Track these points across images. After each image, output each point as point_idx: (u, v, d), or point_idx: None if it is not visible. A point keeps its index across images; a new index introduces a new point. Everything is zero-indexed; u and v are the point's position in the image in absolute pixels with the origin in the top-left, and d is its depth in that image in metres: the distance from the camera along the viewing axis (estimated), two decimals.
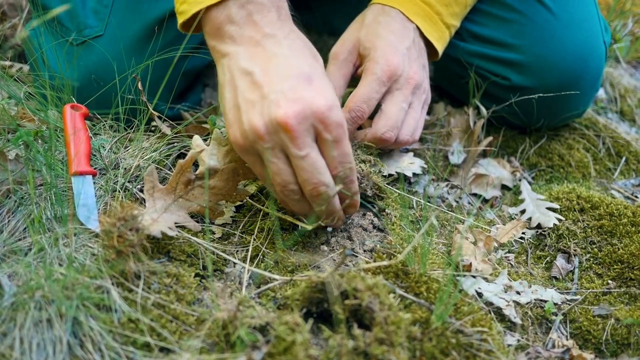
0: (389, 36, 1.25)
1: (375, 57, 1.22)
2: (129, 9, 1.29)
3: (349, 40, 1.29)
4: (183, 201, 1.08)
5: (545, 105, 1.43)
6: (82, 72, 1.26)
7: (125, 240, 0.93)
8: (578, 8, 1.41)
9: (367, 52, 1.25)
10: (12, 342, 0.85)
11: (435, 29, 1.31)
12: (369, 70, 1.22)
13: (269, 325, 0.89)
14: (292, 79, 0.96)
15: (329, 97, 0.96)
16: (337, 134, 0.96)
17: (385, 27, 1.26)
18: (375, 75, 1.21)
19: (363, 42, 1.26)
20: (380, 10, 1.29)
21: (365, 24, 1.28)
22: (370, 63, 1.23)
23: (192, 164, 1.07)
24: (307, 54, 1.02)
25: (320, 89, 0.96)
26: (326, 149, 0.97)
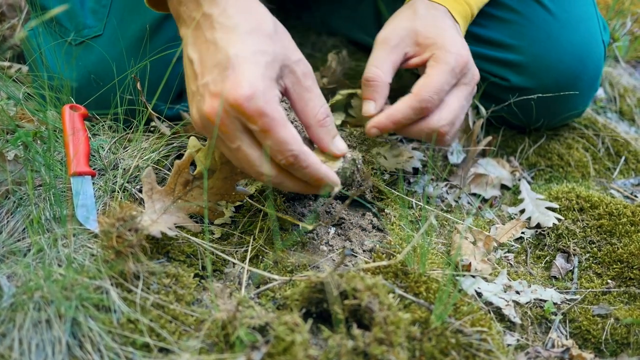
0: (450, 30, 1.20)
1: (446, 46, 1.16)
2: (128, 9, 1.29)
3: (401, 27, 1.20)
4: (182, 202, 1.08)
5: (545, 105, 1.43)
6: (81, 73, 1.26)
7: (124, 240, 0.93)
8: (576, 8, 1.41)
9: (432, 42, 1.18)
10: (11, 342, 0.85)
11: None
12: (440, 59, 1.15)
13: (269, 326, 0.89)
14: (215, 70, 0.94)
15: (247, 86, 0.91)
16: (261, 124, 0.92)
17: (442, 21, 1.22)
18: (449, 65, 1.15)
19: (423, 32, 1.19)
20: (429, 5, 1.24)
21: (419, 14, 1.22)
22: (440, 52, 1.16)
23: (190, 165, 1.07)
24: (240, 31, 0.95)
25: (239, 77, 0.91)
26: (259, 139, 0.95)
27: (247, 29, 0.95)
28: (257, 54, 0.94)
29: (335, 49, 1.80)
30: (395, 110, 1.11)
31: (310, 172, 0.97)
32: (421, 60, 1.18)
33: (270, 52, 0.95)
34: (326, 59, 1.64)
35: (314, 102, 1.00)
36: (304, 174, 0.97)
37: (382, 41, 1.20)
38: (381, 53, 1.18)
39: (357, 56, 1.83)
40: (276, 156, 0.95)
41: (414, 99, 1.12)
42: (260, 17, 0.98)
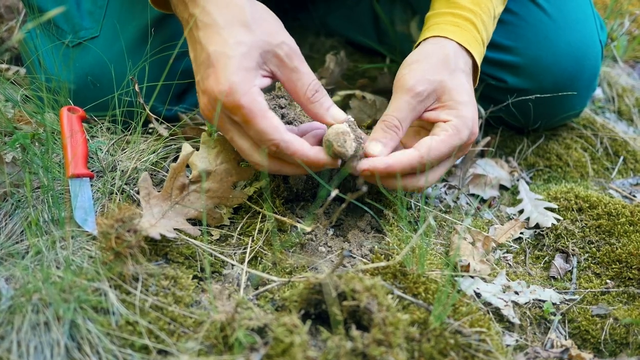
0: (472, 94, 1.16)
1: (466, 119, 1.11)
2: (124, 10, 1.29)
3: (432, 81, 1.12)
4: (180, 207, 1.08)
5: (542, 106, 1.43)
6: (78, 74, 1.25)
7: (124, 241, 0.93)
8: (573, 8, 1.41)
9: (455, 106, 1.11)
10: (9, 345, 0.85)
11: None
12: (456, 131, 1.10)
13: (267, 327, 0.89)
14: (201, 68, 1.01)
15: (224, 81, 0.96)
16: (241, 116, 0.97)
17: (468, 81, 1.16)
18: (461, 141, 1.10)
19: (451, 92, 1.12)
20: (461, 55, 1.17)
21: (451, 67, 1.14)
22: (459, 123, 1.10)
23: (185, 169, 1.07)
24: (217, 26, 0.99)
25: (217, 73, 0.97)
26: (244, 131, 1.00)
27: (223, 23, 0.99)
28: (232, 46, 0.98)
29: (333, 50, 1.80)
30: (395, 163, 1.06)
31: (299, 158, 1.00)
32: (436, 119, 1.13)
33: (246, 42, 0.98)
34: (324, 60, 1.64)
35: (302, 81, 1.03)
36: (294, 159, 1.00)
37: (412, 92, 1.11)
38: (406, 106, 1.11)
39: (355, 57, 1.83)
40: (260, 146, 1.00)
41: (418, 159, 1.07)
42: (236, 8, 1.00)
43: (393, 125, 1.10)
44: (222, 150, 1.08)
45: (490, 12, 1.22)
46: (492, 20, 1.23)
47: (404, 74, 1.13)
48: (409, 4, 1.64)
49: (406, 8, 1.65)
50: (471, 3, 1.19)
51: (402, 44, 1.68)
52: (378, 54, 1.80)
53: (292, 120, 1.18)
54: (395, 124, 1.10)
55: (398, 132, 1.10)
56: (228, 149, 1.09)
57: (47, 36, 1.30)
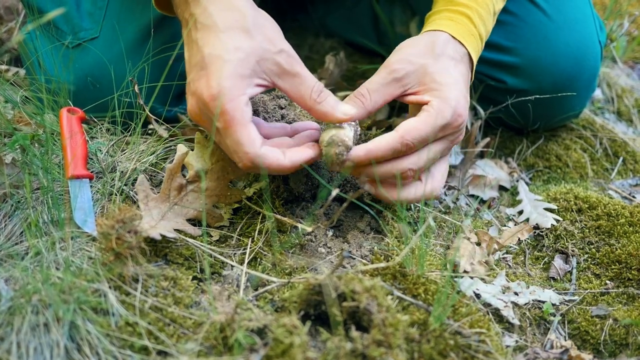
0: (460, 83, 1.14)
1: (449, 100, 1.10)
2: (124, 11, 1.29)
3: (413, 61, 1.12)
4: (179, 208, 1.08)
5: (542, 106, 1.43)
6: (78, 75, 1.25)
7: (124, 242, 0.93)
8: (572, 9, 1.41)
9: (437, 88, 1.11)
10: (9, 346, 0.85)
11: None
12: (438, 111, 1.08)
13: (267, 328, 0.89)
14: (194, 69, 0.99)
15: (214, 85, 0.95)
16: (221, 122, 0.96)
17: (456, 69, 1.15)
18: (443, 120, 1.08)
19: (433, 74, 1.11)
20: (451, 43, 1.16)
21: (436, 52, 1.13)
22: (441, 103, 1.09)
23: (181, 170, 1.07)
24: (217, 29, 0.99)
25: (209, 77, 0.96)
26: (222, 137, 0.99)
27: (223, 27, 0.98)
28: (230, 51, 0.96)
29: (333, 51, 1.80)
30: (375, 148, 1.05)
31: (277, 170, 0.99)
32: (418, 101, 1.12)
33: (244, 48, 0.97)
34: (324, 61, 1.65)
35: (305, 85, 1.02)
36: (270, 171, 0.99)
37: (390, 70, 1.11)
38: (381, 81, 1.11)
39: (355, 58, 1.83)
40: (234, 158, 0.99)
41: (398, 140, 1.05)
42: (238, 13, 1.00)
43: (359, 93, 1.10)
44: (217, 148, 1.08)
45: (489, 8, 1.22)
46: (491, 16, 1.23)
47: (390, 55, 1.15)
48: (408, 4, 1.64)
49: (406, 9, 1.65)
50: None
51: None
52: (377, 54, 1.80)
53: (291, 120, 1.18)
54: (363, 92, 1.10)
55: (364, 101, 1.09)
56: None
57: (46, 37, 1.30)
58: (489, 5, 1.22)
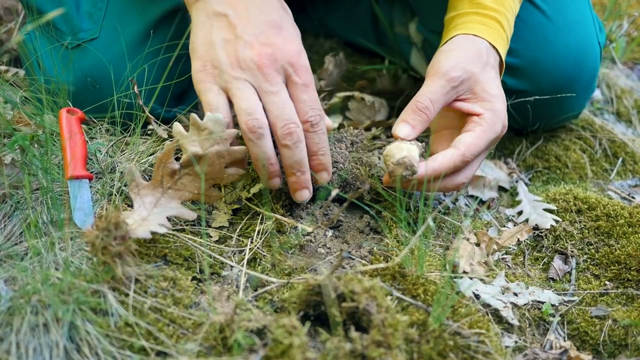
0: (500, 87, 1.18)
1: (499, 113, 1.14)
2: (124, 12, 1.29)
3: (466, 70, 1.13)
4: (173, 192, 1.06)
5: (541, 107, 1.43)
6: (77, 76, 1.25)
7: (110, 251, 0.92)
8: (571, 10, 1.41)
9: (488, 99, 1.14)
10: (8, 347, 0.85)
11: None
12: (491, 125, 1.12)
13: (266, 329, 0.89)
14: (262, 25, 1.05)
15: (297, 44, 1.06)
16: (305, 79, 1.04)
17: (497, 76, 1.18)
18: (495, 134, 1.13)
19: (483, 84, 1.14)
20: (491, 52, 1.18)
21: (483, 60, 1.15)
22: (493, 116, 1.13)
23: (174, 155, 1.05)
24: (276, 5, 1.10)
25: (289, 37, 1.06)
26: (296, 92, 1.04)
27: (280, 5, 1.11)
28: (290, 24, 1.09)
29: (332, 51, 1.80)
30: (440, 167, 1.08)
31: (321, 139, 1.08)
32: (469, 111, 1.14)
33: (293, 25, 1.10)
34: (323, 62, 1.65)
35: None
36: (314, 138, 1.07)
37: (446, 76, 1.12)
38: (440, 90, 1.12)
39: (354, 58, 1.83)
40: (307, 112, 1.05)
41: (460, 158, 1.09)
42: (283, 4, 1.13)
43: (424, 106, 1.11)
44: (212, 132, 1.04)
45: (513, 10, 1.24)
46: (514, 18, 1.26)
47: (439, 60, 1.15)
48: (408, 5, 1.64)
49: (405, 10, 1.65)
50: (495, 3, 1.21)
51: (401, 45, 1.69)
52: (377, 55, 1.80)
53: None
54: (427, 104, 1.11)
55: (429, 113, 1.11)
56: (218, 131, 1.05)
57: (46, 38, 1.30)
58: (513, 8, 1.24)
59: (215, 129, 1.04)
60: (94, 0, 1.29)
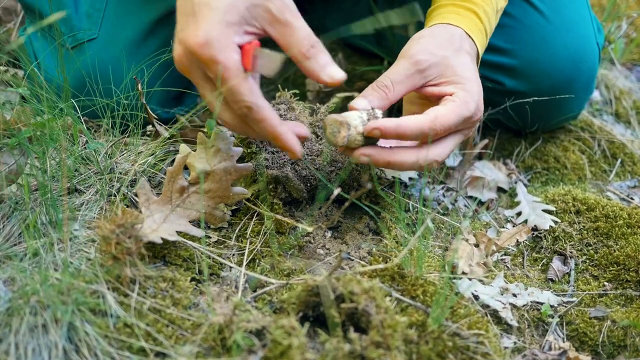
0: (475, 72, 1.15)
1: (473, 93, 1.11)
2: (122, 12, 1.29)
3: (435, 53, 1.11)
4: (181, 210, 1.08)
5: (540, 108, 1.43)
6: (76, 76, 1.25)
7: (123, 247, 0.93)
8: (570, 11, 1.41)
9: (459, 81, 1.11)
10: (7, 347, 0.84)
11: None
12: (464, 102, 1.09)
13: (265, 329, 0.89)
14: (183, 17, 0.95)
15: (202, 34, 0.91)
16: (214, 71, 0.92)
17: (472, 62, 1.16)
18: (468, 112, 1.09)
19: (455, 67, 1.11)
20: (465, 39, 1.16)
21: (455, 46, 1.14)
22: (466, 95, 1.10)
23: (183, 171, 1.07)
24: None
25: (197, 24, 0.92)
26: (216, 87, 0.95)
27: None
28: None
29: (331, 52, 1.79)
30: (404, 124, 1.03)
31: (266, 128, 0.96)
32: (439, 92, 1.12)
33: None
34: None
35: (296, 35, 0.96)
36: (260, 128, 0.96)
37: (411, 59, 1.10)
38: (404, 71, 1.10)
39: (353, 59, 1.83)
40: (232, 106, 0.95)
41: (428, 124, 1.04)
42: None
43: (383, 84, 1.08)
44: (219, 149, 1.08)
45: (493, 5, 1.22)
46: (495, 13, 1.24)
47: (409, 45, 1.13)
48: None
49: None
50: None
51: (400, 46, 1.68)
52: (376, 56, 1.80)
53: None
54: (387, 83, 1.08)
55: (387, 92, 1.08)
56: (226, 148, 1.08)
57: (45, 38, 1.30)
58: (493, 3, 1.22)
59: (222, 145, 1.06)
60: (93, 1, 1.29)
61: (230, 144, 1.07)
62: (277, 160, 1.16)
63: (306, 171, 1.16)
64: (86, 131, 1.20)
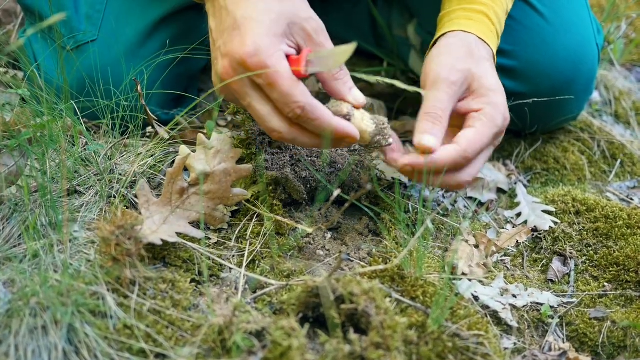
0: (497, 79, 1.16)
1: (498, 105, 1.12)
2: (122, 14, 1.29)
3: (460, 69, 1.12)
4: (181, 211, 1.08)
5: (540, 109, 1.43)
6: (76, 78, 1.25)
7: (123, 248, 0.93)
8: (570, 12, 1.41)
9: (485, 93, 1.12)
10: (7, 349, 0.84)
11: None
12: (491, 118, 1.10)
13: (265, 331, 0.89)
14: (225, 33, 1.00)
15: (250, 43, 0.96)
16: (265, 77, 0.96)
17: (492, 68, 1.17)
18: (497, 128, 1.10)
19: (480, 79, 1.13)
20: (480, 44, 1.17)
21: (475, 55, 1.15)
22: (492, 110, 1.11)
23: (183, 172, 1.07)
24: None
25: (244, 36, 0.97)
26: (267, 93, 0.98)
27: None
28: (262, 12, 0.98)
29: None
30: (439, 159, 1.05)
31: (322, 124, 0.99)
32: (468, 109, 1.12)
33: (275, 10, 0.99)
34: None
35: None
36: (315, 126, 0.99)
37: (445, 81, 1.10)
38: (445, 96, 1.10)
39: (353, 61, 1.83)
40: (284, 109, 0.98)
41: (460, 154, 1.06)
42: None
43: (438, 116, 1.09)
44: (219, 150, 1.08)
45: (503, 6, 1.23)
46: (504, 14, 1.25)
47: (433, 68, 1.13)
48: (406, 8, 1.64)
49: (403, 12, 1.65)
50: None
51: (399, 48, 1.69)
52: (376, 57, 1.80)
53: None
54: (440, 114, 1.09)
55: (444, 122, 1.09)
56: (225, 149, 1.09)
57: (45, 40, 1.30)
58: (504, 4, 1.22)
59: (222, 147, 1.06)
60: (93, 3, 1.29)
61: (230, 144, 1.07)
62: (277, 161, 1.16)
63: (306, 172, 1.16)
64: (86, 133, 1.20)
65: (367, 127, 1.05)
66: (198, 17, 1.32)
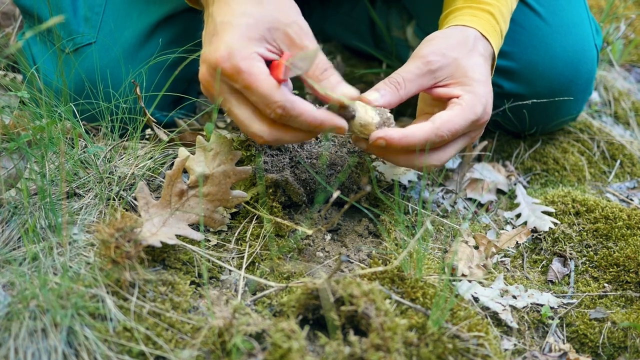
0: (489, 80, 1.16)
1: (480, 96, 1.11)
2: (121, 16, 1.29)
3: (447, 55, 1.12)
4: (181, 213, 1.08)
5: (539, 110, 1.43)
6: (75, 80, 1.26)
7: (122, 251, 0.93)
8: (568, 13, 1.42)
9: (469, 83, 1.12)
10: (7, 352, 0.84)
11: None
12: (470, 105, 1.09)
13: (265, 333, 0.89)
14: (206, 39, 1.00)
15: (223, 47, 0.95)
16: (241, 81, 0.95)
17: (485, 64, 1.16)
18: (475, 116, 1.10)
19: (465, 69, 1.12)
20: (480, 40, 1.17)
21: (469, 47, 1.15)
22: (473, 98, 1.10)
23: (182, 174, 1.07)
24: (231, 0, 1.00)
25: (219, 41, 0.96)
26: (246, 97, 0.98)
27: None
28: (239, 16, 0.97)
29: (330, 55, 1.80)
30: (411, 135, 1.05)
31: (306, 119, 0.98)
32: (447, 94, 1.12)
33: (253, 14, 0.98)
34: None
35: None
36: (300, 122, 0.98)
37: (423, 59, 1.11)
38: (415, 70, 1.11)
39: (352, 62, 1.84)
40: (265, 110, 0.97)
41: (434, 132, 1.06)
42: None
43: (395, 80, 1.09)
44: (218, 152, 1.08)
45: (509, 5, 1.23)
46: (509, 14, 1.25)
47: (421, 46, 1.14)
48: (404, 9, 1.64)
49: (402, 13, 1.66)
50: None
51: (398, 49, 1.69)
52: (375, 59, 1.80)
53: None
54: (399, 80, 1.09)
55: (399, 88, 1.09)
56: (225, 151, 1.09)
57: (43, 42, 1.30)
58: (509, 3, 1.23)
59: (221, 149, 1.06)
60: (91, 5, 1.29)
61: (229, 146, 1.08)
62: (277, 163, 1.16)
63: (305, 174, 1.16)
64: (85, 135, 1.20)
65: (372, 119, 1.04)
66: (196, 19, 1.32)
